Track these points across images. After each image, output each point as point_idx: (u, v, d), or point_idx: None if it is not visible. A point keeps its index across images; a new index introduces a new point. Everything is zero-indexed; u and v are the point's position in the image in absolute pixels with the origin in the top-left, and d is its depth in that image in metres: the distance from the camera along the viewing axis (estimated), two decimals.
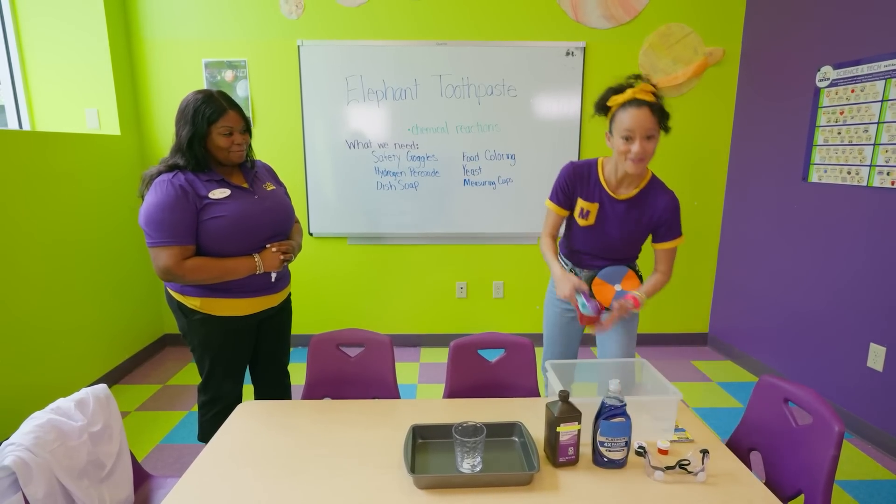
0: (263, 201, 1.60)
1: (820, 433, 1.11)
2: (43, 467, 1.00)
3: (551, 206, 1.69)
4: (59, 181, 2.44)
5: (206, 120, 1.46)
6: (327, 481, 1.08)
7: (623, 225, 1.59)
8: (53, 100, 2.84)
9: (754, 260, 2.96)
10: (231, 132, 1.50)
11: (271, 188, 1.68)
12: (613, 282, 1.64)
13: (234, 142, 1.51)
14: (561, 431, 1.11)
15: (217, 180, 1.53)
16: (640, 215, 1.58)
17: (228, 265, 1.49)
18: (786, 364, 2.74)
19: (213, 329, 1.58)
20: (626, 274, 1.63)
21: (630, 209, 1.58)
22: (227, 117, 1.49)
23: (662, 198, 1.56)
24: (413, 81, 2.98)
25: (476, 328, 3.31)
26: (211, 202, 1.48)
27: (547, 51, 2.97)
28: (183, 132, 1.48)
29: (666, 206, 1.56)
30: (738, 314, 3.12)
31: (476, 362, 1.59)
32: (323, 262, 3.22)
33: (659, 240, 1.61)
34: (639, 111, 1.42)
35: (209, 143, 1.50)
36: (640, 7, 2.96)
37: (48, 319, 2.36)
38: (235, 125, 1.51)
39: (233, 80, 3.00)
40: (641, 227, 1.59)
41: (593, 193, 1.60)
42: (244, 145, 1.55)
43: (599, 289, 1.63)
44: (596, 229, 1.62)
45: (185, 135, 1.47)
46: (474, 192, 3.13)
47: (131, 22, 2.93)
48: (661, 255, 1.63)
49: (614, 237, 1.62)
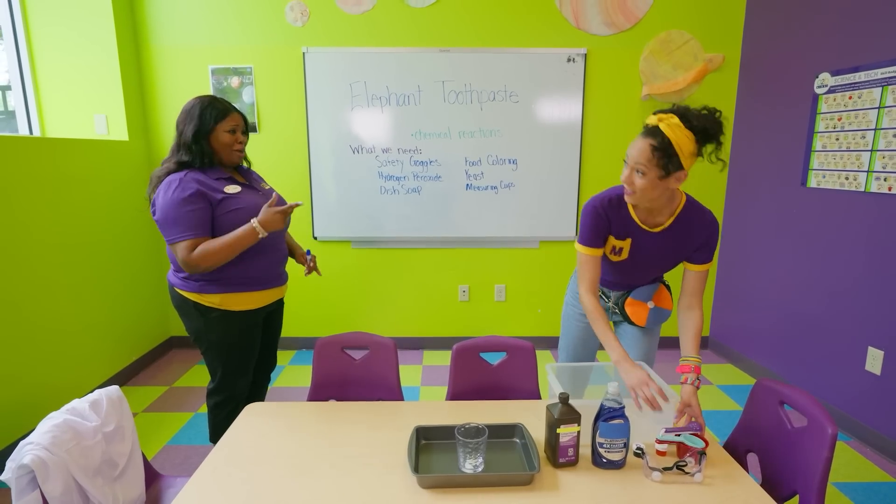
0: (267, 197, 1.68)
1: (814, 435, 1.14)
2: (59, 466, 1.04)
3: (585, 251, 1.45)
4: (68, 186, 2.49)
5: (212, 118, 1.55)
6: (333, 481, 1.11)
7: (658, 257, 1.47)
8: (63, 106, 2.89)
9: (754, 264, 2.98)
10: (235, 130, 1.60)
11: (268, 187, 1.79)
12: (646, 299, 1.59)
13: (238, 139, 1.61)
14: (561, 433, 1.14)
15: (226, 178, 1.60)
16: (677, 245, 1.43)
17: (231, 238, 1.51)
18: (785, 367, 2.76)
19: (231, 325, 1.64)
20: (657, 289, 1.60)
21: (665, 240, 1.43)
22: (233, 117, 1.60)
23: (700, 220, 1.41)
24: (416, 87, 3.03)
25: (478, 331, 3.34)
26: (227, 196, 1.55)
27: (548, 57, 3.01)
28: (188, 128, 1.55)
29: (706, 228, 1.41)
30: (737, 318, 3.14)
31: (478, 365, 1.63)
32: (327, 265, 3.26)
33: (693, 261, 1.44)
34: (640, 140, 1.28)
35: (213, 141, 1.57)
36: (641, 14, 2.99)
37: (58, 321, 2.40)
38: (239, 125, 1.61)
39: (239, 87, 3.05)
40: (679, 255, 1.46)
41: (625, 230, 1.44)
42: (244, 146, 1.65)
43: (633, 309, 1.59)
44: (629, 264, 1.50)
45: (191, 130, 1.54)
46: (476, 196, 3.16)
47: (140, 29, 2.98)
48: (693, 280, 1.44)
49: (649, 269, 1.53)
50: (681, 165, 1.26)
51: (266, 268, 1.67)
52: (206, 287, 1.59)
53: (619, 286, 1.63)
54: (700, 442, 1.16)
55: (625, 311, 1.61)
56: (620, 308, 1.62)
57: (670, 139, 1.24)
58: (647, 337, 1.64)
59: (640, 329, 1.64)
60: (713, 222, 1.42)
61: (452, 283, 3.32)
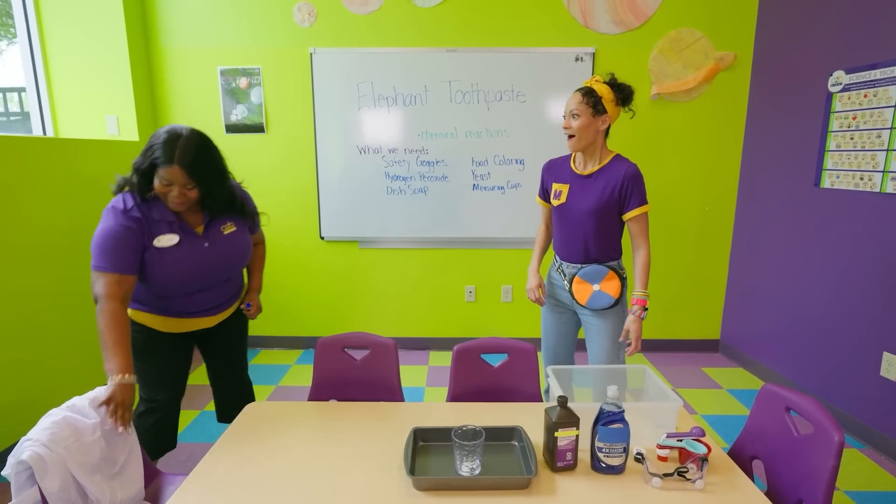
0: (215, 247, 1.53)
1: (820, 443, 1.11)
2: (57, 462, 1.05)
3: (538, 202, 1.96)
4: (80, 186, 2.52)
5: (151, 160, 1.38)
6: (329, 481, 1.10)
7: (589, 197, 1.73)
8: (75, 107, 2.93)
9: (766, 266, 2.92)
10: (170, 184, 1.38)
11: (230, 230, 1.58)
12: (593, 281, 1.75)
13: (171, 194, 1.39)
14: (559, 436, 1.12)
15: (168, 221, 1.45)
16: (603, 185, 1.71)
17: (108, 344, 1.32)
18: (797, 372, 2.70)
19: (136, 334, 1.53)
20: (606, 274, 1.74)
21: (595, 182, 1.73)
22: (170, 170, 1.36)
23: (621, 166, 1.70)
24: (423, 87, 3.02)
25: (485, 332, 3.32)
26: (155, 250, 1.43)
27: (556, 57, 2.99)
28: (137, 158, 1.41)
29: (625, 173, 1.68)
30: (749, 321, 3.08)
31: (479, 367, 1.61)
32: (334, 265, 3.27)
33: (626, 209, 1.71)
34: (574, 94, 1.70)
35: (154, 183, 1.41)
36: (650, 12, 2.96)
37: (65, 320, 2.44)
38: (175, 180, 1.37)
39: (247, 87, 3.07)
40: (605, 197, 1.70)
41: (564, 176, 1.81)
42: (185, 201, 1.42)
43: (578, 287, 1.77)
44: (567, 207, 1.77)
45: (136, 163, 1.41)
46: (483, 196, 3.15)
47: (150, 31, 3.02)
48: (633, 226, 1.73)
49: (583, 210, 1.73)
50: (605, 110, 1.67)
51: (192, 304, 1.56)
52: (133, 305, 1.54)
53: (569, 251, 1.81)
54: (702, 447, 1.14)
55: (572, 288, 1.79)
56: (569, 284, 1.80)
57: (594, 89, 1.67)
58: (607, 336, 1.78)
59: (600, 329, 1.78)
60: (633, 167, 1.70)
61: (459, 284, 3.30)
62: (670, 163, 3.13)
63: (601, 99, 1.66)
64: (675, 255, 3.25)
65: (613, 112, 1.69)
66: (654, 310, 3.29)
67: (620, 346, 1.78)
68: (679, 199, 3.18)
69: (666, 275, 3.26)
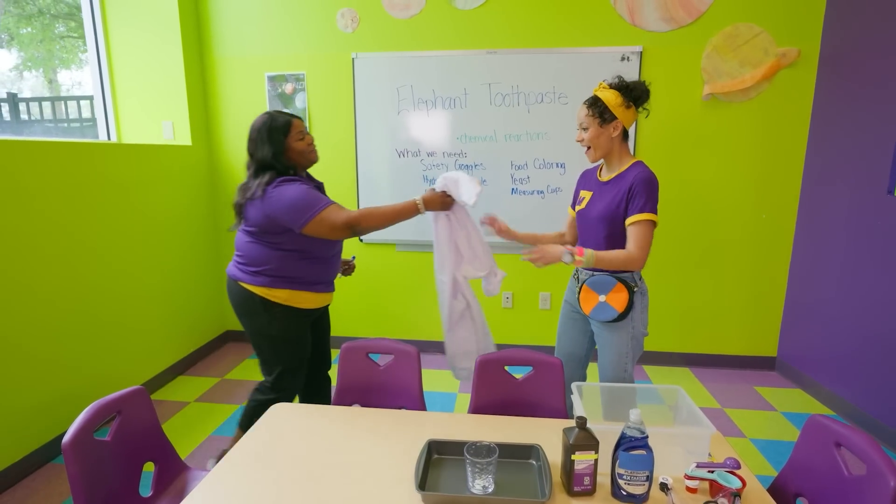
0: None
1: (874, 485, 0.99)
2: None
3: (568, 210, 1.98)
4: (138, 188, 2.69)
5: (281, 133, 1.66)
6: (340, 490, 1.10)
7: (602, 203, 1.70)
8: (136, 113, 3.13)
9: (830, 279, 2.69)
10: (303, 136, 1.71)
11: None
12: (600, 292, 1.70)
13: (309, 142, 1.73)
14: (576, 459, 1.07)
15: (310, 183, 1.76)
16: (616, 191, 1.67)
17: (393, 207, 1.69)
18: (862, 396, 2.46)
19: (292, 321, 1.73)
20: (614, 286, 1.67)
21: (610, 189, 1.70)
22: (296, 124, 1.70)
23: (634, 171, 1.65)
24: (462, 90, 3.00)
25: (521, 339, 3.26)
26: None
27: (601, 56, 2.88)
28: (264, 150, 1.65)
29: (635, 177, 1.62)
30: (810, 338, 2.85)
31: (503, 379, 1.57)
32: (372, 267, 3.31)
33: (627, 214, 1.64)
34: (580, 107, 1.70)
35: (290, 153, 1.68)
36: (704, 7, 2.79)
37: (123, 314, 2.60)
38: (303, 129, 1.73)
39: (292, 93, 3.16)
40: (616, 203, 1.65)
41: (590, 184, 1.82)
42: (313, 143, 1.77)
43: (585, 295, 1.72)
44: (585, 213, 1.77)
45: (268, 151, 1.64)
46: (522, 200, 3.09)
47: (204, 41, 3.17)
48: (629, 232, 1.63)
49: (595, 216, 1.71)
50: (614, 116, 1.63)
51: (331, 271, 1.82)
52: (276, 283, 1.68)
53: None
54: (736, 481, 1.05)
55: (579, 296, 1.74)
56: (578, 291, 1.75)
57: (599, 97, 1.65)
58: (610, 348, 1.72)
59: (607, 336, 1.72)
60: (647, 176, 1.61)
61: None
62: (724, 167, 2.95)
63: (608, 106, 1.63)
64: (728, 264, 3.05)
65: (625, 116, 1.64)
66: (701, 321, 3.11)
67: (628, 361, 1.71)
68: (733, 206, 2.98)
69: (717, 285, 3.07)
